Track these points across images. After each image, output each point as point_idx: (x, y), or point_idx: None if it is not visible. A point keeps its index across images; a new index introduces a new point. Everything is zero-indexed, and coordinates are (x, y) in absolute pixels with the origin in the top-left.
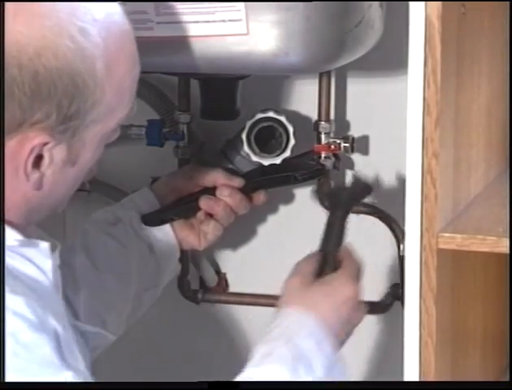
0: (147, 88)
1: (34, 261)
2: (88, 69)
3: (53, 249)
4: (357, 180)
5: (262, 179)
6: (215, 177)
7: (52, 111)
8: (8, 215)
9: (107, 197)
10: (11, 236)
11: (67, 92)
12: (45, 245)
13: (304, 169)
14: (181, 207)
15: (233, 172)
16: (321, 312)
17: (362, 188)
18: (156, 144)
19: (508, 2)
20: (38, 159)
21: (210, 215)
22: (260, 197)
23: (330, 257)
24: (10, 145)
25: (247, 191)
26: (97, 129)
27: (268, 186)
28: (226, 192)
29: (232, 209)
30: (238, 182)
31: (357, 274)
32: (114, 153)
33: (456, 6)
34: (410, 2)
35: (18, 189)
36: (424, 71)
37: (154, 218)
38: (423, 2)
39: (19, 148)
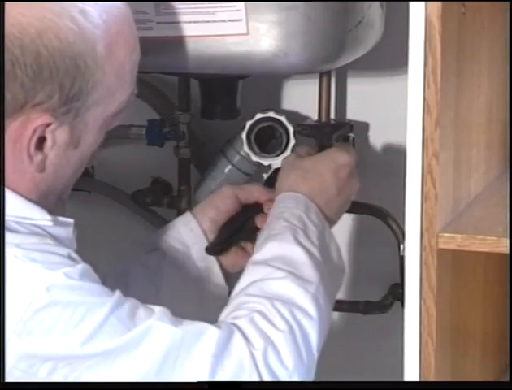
0: (147, 88)
1: (63, 241)
2: (90, 50)
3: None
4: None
5: None
6: (257, 194)
7: (54, 92)
8: None
9: (107, 197)
10: (43, 216)
11: (69, 72)
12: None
13: None
14: (239, 232)
15: (270, 185)
16: (317, 176)
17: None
18: (156, 144)
19: (508, 2)
20: (41, 141)
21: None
22: None
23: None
24: (13, 126)
25: None
26: (99, 112)
27: None
28: None
29: None
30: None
31: (350, 149)
32: (115, 153)
33: (456, 6)
34: (410, 2)
35: (25, 173)
36: (424, 71)
37: (214, 248)
38: (423, 2)
39: (22, 129)
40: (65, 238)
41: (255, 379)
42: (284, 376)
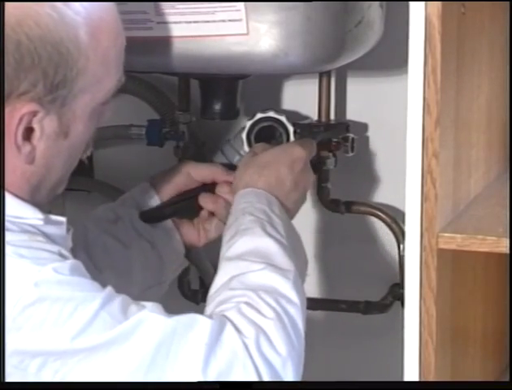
0: (147, 88)
1: (56, 239)
2: (71, 36)
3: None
4: None
5: None
6: (214, 173)
7: (38, 80)
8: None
9: (107, 197)
10: (35, 215)
11: (52, 60)
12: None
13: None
14: (180, 204)
15: (231, 167)
16: (273, 171)
17: None
18: (156, 144)
19: (508, 2)
20: (29, 132)
21: (211, 213)
22: None
23: None
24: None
25: None
26: (87, 100)
27: None
28: (226, 190)
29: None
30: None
31: (305, 144)
32: (115, 153)
33: (456, 6)
34: (410, 2)
35: (15, 168)
36: (424, 71)
37: (153, 215)
38: (423, 2)
39: (8, 120)
40: (58, 236)
41: (250, 367)
42: (278, 363)
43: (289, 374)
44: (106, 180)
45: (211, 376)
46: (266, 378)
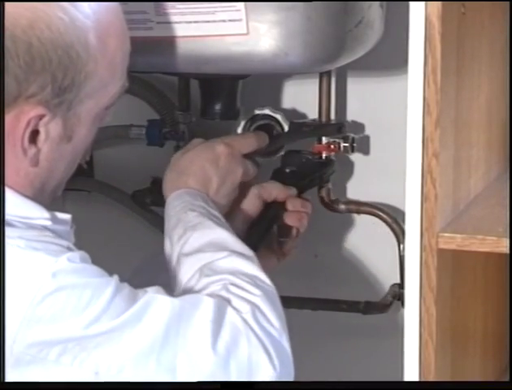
0: (147, 88)
1: (62, 235)
2: (81, 40)
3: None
4: None
5: (306, 183)
6: (276, 192)
7: (47, 83)
8: None
9: (107, 197)
10: (42, 215)
11: (61, 63)
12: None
13: (330, 167)
14: (265, 233)
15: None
16: (198, 169)
17: None
18: (156, 144)
19: (508, 2)
20: (35, 135)
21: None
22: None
23: None
24: (6, 120)
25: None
26: (92, 104)
27: (306, 189)
28: (300, 204)
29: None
30: (294, 191)
31: (235, 139)
32: (115, 153)
33: (456, 6)
34: (410, 2)
35: (19, 170)
36: (424, 70)
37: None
38: (423, 2)
39: (15, 122)
40: (63, 231)
41: (253, 339)
42: (275, 334)
43: (286, 346)
44: (106, 180)
45: (220, 351)
46: (270, 347)
